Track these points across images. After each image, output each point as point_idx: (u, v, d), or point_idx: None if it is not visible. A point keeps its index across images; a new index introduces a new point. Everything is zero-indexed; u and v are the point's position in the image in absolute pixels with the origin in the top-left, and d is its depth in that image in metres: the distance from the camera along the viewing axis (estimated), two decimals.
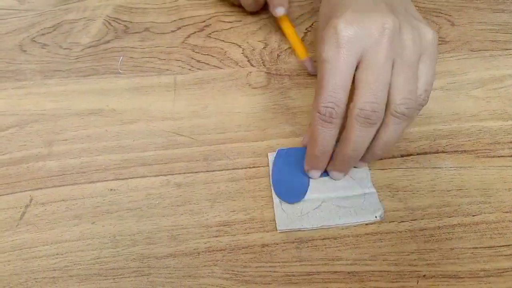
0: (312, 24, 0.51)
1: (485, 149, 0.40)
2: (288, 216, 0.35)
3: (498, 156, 0.39)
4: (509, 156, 0.39)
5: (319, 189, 0.37)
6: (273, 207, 0.36)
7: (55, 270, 0.34)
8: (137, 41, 0.51)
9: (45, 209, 0.37)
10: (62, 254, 0.35)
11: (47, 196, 0.38)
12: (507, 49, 0.48)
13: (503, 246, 0.34)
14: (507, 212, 0.36)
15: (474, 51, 0.48)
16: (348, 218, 0.35)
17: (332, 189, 0.37)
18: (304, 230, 0.35)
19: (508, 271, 0.33)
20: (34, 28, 0.54)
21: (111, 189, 0.38)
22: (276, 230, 0.35)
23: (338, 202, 0.36)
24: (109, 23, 0.53)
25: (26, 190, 0.39)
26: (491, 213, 0.36)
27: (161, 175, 0.39)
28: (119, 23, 0.53)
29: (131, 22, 0.53)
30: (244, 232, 0.35)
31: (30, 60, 0.50)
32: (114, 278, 0.34)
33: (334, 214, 0.35)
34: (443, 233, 0.35)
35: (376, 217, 0.35)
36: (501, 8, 0.52)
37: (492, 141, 0.40)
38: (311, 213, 0.35)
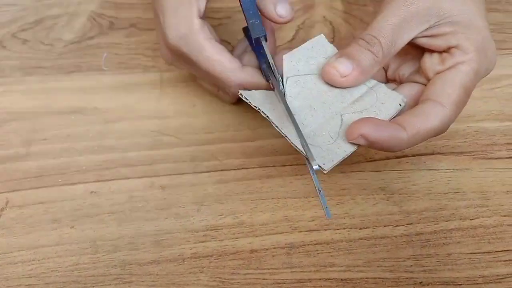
0: (304, 21, 0.50)
1: (482, 151, 0.38)
2: (322, 148, 0.30)
3: (496, 158, 0.38)
4: (506, 157, 0.38)
5: (326, 102, 0.32)
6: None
7: (31, 277, 0.32)
8: (122, 37, 0.49)
9: (22, 212, 0.35)
10: (38, 260, 0.33)
11: (24, 198, 0.36)
12: (502, 49, 0.46)
13: (502, 251, 0.33)
14: (505, 215, 0.34)
15: None
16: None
17: (338, 98, 0.32)
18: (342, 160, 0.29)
19: (507, 277, 0.31)
20: (16, 23, 0.52)
21: (92, 192, 0.36)
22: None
23: (355, 108, 0.31)
24: (94, 19, 0.51)
25: (2, 192, 0.37)
26: (489, 217, 0.34)
27: (145, 177, 0.37)
28: (104, 19, 0.51)
29: (117, 17, 0.51)
30: (232, 237, 0.34)
31: (10, 56, 0.48)
32: (93, 286, 0.32)
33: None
34: (440, 238, 0.33)
35: (400, 104, 0.31)
36: (496, 8, 0.51)
37: (489, 142, 0.39)
38: (341, 132, 0.30)
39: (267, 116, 0.31)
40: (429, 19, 0.31)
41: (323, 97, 0.32)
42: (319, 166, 0.29)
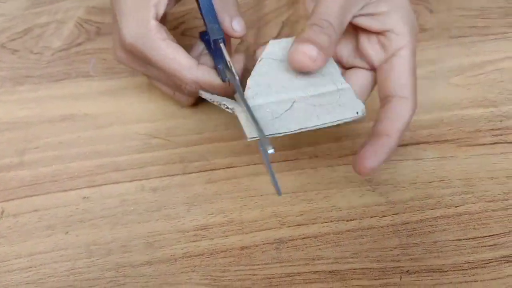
0: (288, 17, 0.50)
1: (467, 138, 0.39)
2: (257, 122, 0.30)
3: (480, 144, 0.38)
4: (490, 144, 0.38)
5: (287, 87, 0.32)
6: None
7: (28, 283, 0.33)
8: (109, 42, 0.49)
9: (17, 221, 0.36)
10: (35, 267, 0.34)
11: (19, 207, 0.37)
12: (486, 35, 0.47)
13: (487, 236, 0.33)
14: (490, 201, 0.35)
15: (453, 37, 0.47)
16: (327, 116, 0.31)
17: (301, 87, 0.32)
18: (277, 137, 0.30)
19: (491, 262, 0.32)
20: (4, 33, 0.52)
21: (84, 197, 0.37)
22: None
23: (312, 101, 0.32)
24: (81, 25, 0.52)
25: None
26: (474, 203, 0.35)
27: (135, 180, 0.38)
28: (91, 25, 0.52)
29: (103, 23, 0.52)
30: (222, 235, 0.34)
31: (1, 67, 0.49)
32: None
33: (310, 114, 0.31)
34: (426, 226, 0.34)
35: (357, 113, 0.31)
36: None
37: (473, 129, 0.39)
38: (284, 115, 0.31)
39: (225, 106, 0.32)
40: None
41: (286, 82, 0.32)
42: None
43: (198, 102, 0.42)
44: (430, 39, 0.47)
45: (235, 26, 0.37)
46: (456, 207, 0.35)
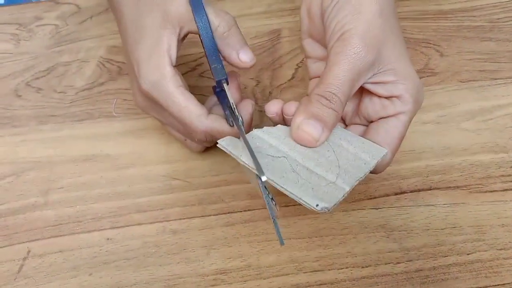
0: (302, 60, 0.52)
1: (477, 184, 0.40)
2: (237, 141, 0.31)
3: (491, 191, 0.39)
4: (501, 190, 0.39)
5: (293, 147, 0.32)
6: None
7: None
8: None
9: (43, 261, 0.38)
10: None
11: (45, 247, 0.39)
12: (495, 79, 0.48)
13: (499, 285, 0.34)
14: (501, 249, 0.36)
15: (463, 81, 0.48)
16: (289, 184, 0.30)
17: (304, 156, 0.32)
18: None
19: None
20: (29, 71, 0.55)
21: (108, 238, 0.38)
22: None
23: (299, 168, 0.31)
24: (103, 65, 0.54)
25: (24, 242, 0.39)
26: (485, 251, 0.36)
27: (156, 222, 0.39)
28: (113, 64, 0.54)
29: (125, 63, 0.54)
30: (241, 279, 0.35)
31: (25, 105, 0.50)
32: None
33: (282, 171, 0.30)
34: (439, 274, 0.35)
35: (317, 205, 0.29)
36: (489, 37, 0.53)
37: (484, 175, 0.40)
38: (261, 155, 0.30)
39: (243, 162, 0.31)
40: (374, 68, 0.34)
41: (296, 145, 0.33)
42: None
43: (208, 148, 0.43)
44: (440, 82, 0.48)
45: (242, 57, 0.38)
46: (468, 254, 0.36)
